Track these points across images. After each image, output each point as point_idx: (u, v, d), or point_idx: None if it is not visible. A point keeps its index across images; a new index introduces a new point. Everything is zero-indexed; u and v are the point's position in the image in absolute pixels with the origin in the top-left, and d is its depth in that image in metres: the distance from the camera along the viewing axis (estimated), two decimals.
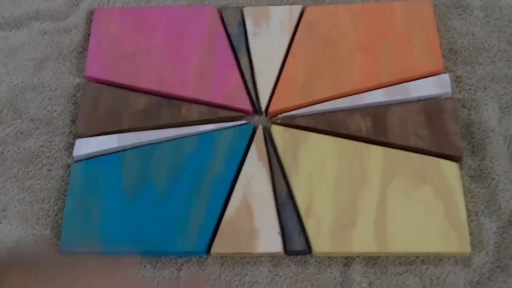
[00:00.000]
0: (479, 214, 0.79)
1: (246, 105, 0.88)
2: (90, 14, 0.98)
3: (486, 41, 0.90)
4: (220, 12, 0.96)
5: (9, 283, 0.35)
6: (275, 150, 0.84)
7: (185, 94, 0.88)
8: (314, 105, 0.87)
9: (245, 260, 0.79)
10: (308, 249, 0.78)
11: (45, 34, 0.97)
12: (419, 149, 0.82)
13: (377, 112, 0.85)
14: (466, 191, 0.80)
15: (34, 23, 0.98)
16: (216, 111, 0.87)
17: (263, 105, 0.88)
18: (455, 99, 0.87)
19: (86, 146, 0.86)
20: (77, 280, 0.40)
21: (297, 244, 0.78)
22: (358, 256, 0.78)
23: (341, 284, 0.76)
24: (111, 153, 0.86)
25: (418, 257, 0.77)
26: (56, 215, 0.83)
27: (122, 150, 0.86)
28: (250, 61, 0.91)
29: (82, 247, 0.78)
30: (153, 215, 0.80)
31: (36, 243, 0.77)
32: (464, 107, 0.86)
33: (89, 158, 0.85)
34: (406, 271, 0.77)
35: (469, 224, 0.78)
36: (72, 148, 0.86)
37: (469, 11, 0.93)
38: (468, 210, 0.79)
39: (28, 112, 0.91)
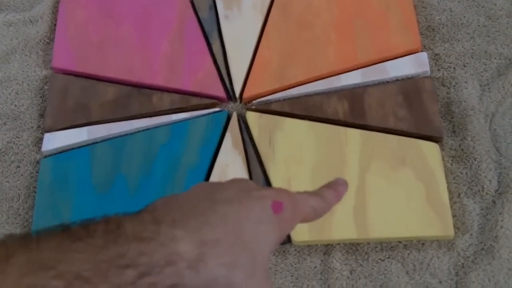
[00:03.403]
0: (462, 195, 0.77)
1: (220, 92, 0.85)
2: (56, 3, 0.94)
3: (464, 17, 0.88)
4: None
5: None
6: (251, 137, 0.82)
7: (156, 82, 0.85)
8: (289, 89, 0.84)
9: None
10: (287, 238, 0.76)
11: (10, 26, 0.94)
12: (398, 131, 0.80)
13: (354, 94, 0.83)
14: (448, 172, 0.78)
15: None
16: (189, 99, 0.85)
17: (237, 91, 0.85)
18: (434, 78, 0.84)
19: (54, 141, 0.83)
20: None
21: None
22: (338, 244, 0.76)
23: (321, 272, 0.74)
24: (81, 146, 0.83)
25: (400, 242, 0.75)
26: (26, 213, 0.80)
27: (92, 143, 0.83)
28: (223, 46, 0.88)
29: None
30: (126, 210, 0.77)
31: None
32: (443, 85, 0.84)
33: (59, 152, 0.83)
34: (388, 257, 0.75)
35: (451, 206, 0.76)
36: (41, 143, 0.83)
37: None
38: (450, 192, 0.77)
39: None
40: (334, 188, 0.50)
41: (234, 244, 0.38)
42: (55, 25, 0.92)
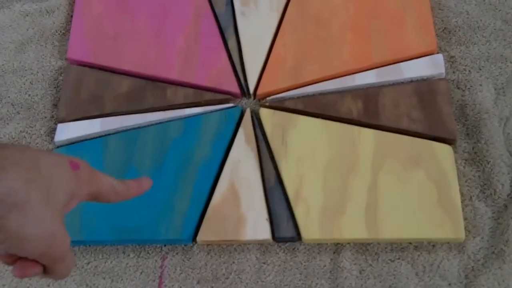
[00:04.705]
0: (474, 198, 0.77)
1: (234, 88, 0.85)
2: None
3: (481, 20, 0.88)
4: None
5: None
6: (264, 133, 0.82)
7: (171, 76, 0.86)
8: (303, 87, 0.84)
9: (232, 248, 0.77)
10: (297, 236, 0.75)
11: (27, 15, 0.94)
12: (411, 132, 0.80)
13: (369, 93, 0.83)
14: (460, 174, 0.78)
15: (16, 5, 0.95)
16: (203, 93, 0.85)
17: (251, 87, 0.85)
18: (449, 80, 0.84)
19: (67, 131, 0.83)
20: None
21: (286, 231, 0.76)
22: (348, 243, 0.76)
23: (331, 271, 0.74)
24: (94, 138, 0.83)
25: (410, 243, 0.75)
26: None
27: (104, 135, 0.83)
28: (238, 42, 0.89)
29: None
30: (137, 202, 0.76)
31: None
32: (458, 88, 0.84)
33: (71, 143, 0.83)
34: (398, 258, 0.74)
35: (463, 208, 0.76)
36: (54, 133, 0.84)
37: None
38: (462, 194, 0.77)
39: (9, 97, 0.88)
40: (138, 181, 0.55)
41: (31, 169, 0.43)
42: (71, 16, 0.93)
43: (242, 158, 0.80)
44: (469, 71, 0.84)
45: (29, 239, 0.42)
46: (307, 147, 0.80)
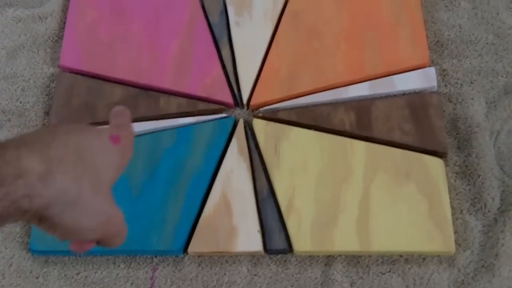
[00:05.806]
0: (464, 212, 0.77)
1: (227, 98, 0.85)
2: (66, 1, 0.94)
3: (473, 34, 0.88)
4: (201, 0, 0.93)
5: None
6: (256, 144, 0.82)
7: (164, 85, 0.86)
8: (297, 98, 0.84)
9: (224, 259, 0.76)
10: (288, 248, 0.76)
11: (19, 21, 0.94)
12: (403, 145, 0.80)
13: (361, 106, 0.83)
14: (451, 188, 0.79)
15: (8, 10, 0.95)
16: (196, 103, 0.85)
17: (245, 97, 0.86)
18: (441, 93, 0.84)
19: None
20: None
21: (278, 242, 0.76)
22: (340, 255, 0.76)
23: (322, 284, 0.74)
24: None
25: (401, 256, 0.75)
26: None
27: None
28: (232, 52, 0.89)
29: (53, 246, 0.75)
30: (128, 212, 0.75)
31: None
32: (450, 101, 0.84)
33: None
34: (389, 271, 0.75)
35: (453, 222, 0.76)
36: None
37: (457, 3, 0.91)
38: (453, 208, 0.77)
39: (0, 104, 0.87)
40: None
41: (77, 163, 0.44)
42: (64, 23, 0.92)
43: (235, 169, 0.80)
44: (461, 84, 0.85)
45: (86, 231, 0.45)
46: (300, 158, 0.80)
